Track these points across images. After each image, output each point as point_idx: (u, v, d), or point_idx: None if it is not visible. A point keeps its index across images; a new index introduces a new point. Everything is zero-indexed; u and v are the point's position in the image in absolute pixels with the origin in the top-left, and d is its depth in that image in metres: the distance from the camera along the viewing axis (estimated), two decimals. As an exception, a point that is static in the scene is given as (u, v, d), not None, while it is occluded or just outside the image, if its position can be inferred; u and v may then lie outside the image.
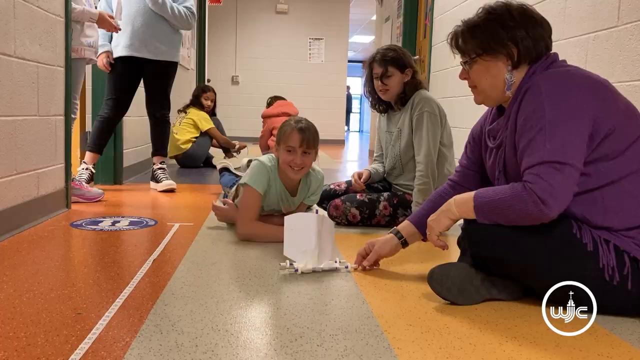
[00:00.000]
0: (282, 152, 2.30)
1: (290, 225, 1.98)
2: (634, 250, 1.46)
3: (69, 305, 1.51)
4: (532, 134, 1.48)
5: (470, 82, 1.69)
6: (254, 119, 9.96)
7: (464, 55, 1.66)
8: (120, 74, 3.64)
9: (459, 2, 4.45)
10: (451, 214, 1.62)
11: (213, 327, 1.38)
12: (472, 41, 1.62)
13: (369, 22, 12.78)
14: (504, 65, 1.59)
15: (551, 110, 1.46)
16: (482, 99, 1.70)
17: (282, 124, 2.36)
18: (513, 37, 1.57)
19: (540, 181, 1.45)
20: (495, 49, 1.58)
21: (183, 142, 5.34)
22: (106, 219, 2.74)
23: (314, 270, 1.87)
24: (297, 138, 2.26)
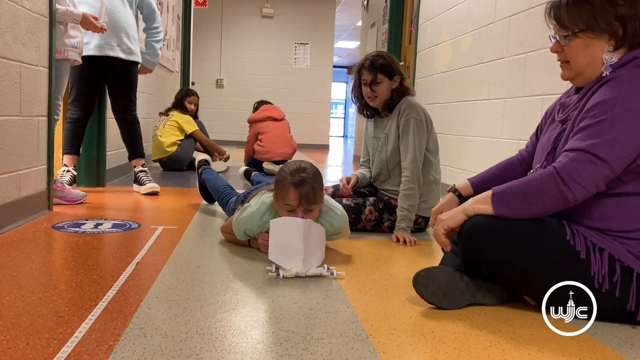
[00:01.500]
0: (282, 210, 2.07)
1: (276, 229, 1.93)
2: (628, 259, 1.47)
3: (50, 308, 1.48)
4: (591, 121, 1.47)
5: (562, 56, 1.60)
6: (239, 122, 9.98)
7: (564, 28, 1.56)
8: (87, 73, 3.59)
9: (443, 10, 4.49)
10: (468, 209, 1.59)
11: (197, 331, 1.37)
12: (578, 15, 1.53)
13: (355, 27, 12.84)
14: (605, 44, 1.52)
15: (621, 107, 1.44)
16: (572, 76, 1.60)
17: (279, 173, 2.09)
18: (622, 17, 1.49)
19: (569, 164, 1.45)
20: (601, 26, 1.51)
21: (168, 145, 5.30)
22: (89, 221, 2.71)
23: (297, 276, 1.85)
24: (295, 196, 2.00)
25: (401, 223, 2.57)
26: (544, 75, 2.95)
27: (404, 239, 2.50)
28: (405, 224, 2.57)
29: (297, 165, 2.06)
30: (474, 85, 3.85)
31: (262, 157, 5.42)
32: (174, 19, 6.97)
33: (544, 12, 1.64)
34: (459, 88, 4.14)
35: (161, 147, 5.31)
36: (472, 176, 1.90)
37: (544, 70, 2.94)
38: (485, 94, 3.66)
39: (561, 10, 1.57)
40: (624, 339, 1.44)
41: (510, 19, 3.36)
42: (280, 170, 2.09)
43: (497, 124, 3.48)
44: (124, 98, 3.74)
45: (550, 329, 1.49)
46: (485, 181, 1.85)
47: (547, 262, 1.51)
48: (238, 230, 2.20)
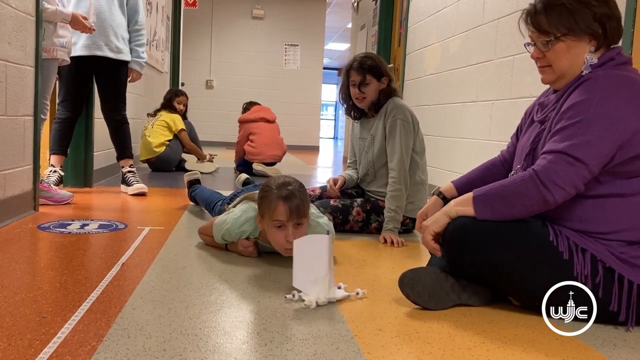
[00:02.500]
0: (270, 228, 1.95)
1: (300, 250, 1.65)
2: (610, 260, 1.48)
3: (33, 309, 1.47)
4: (567, 122, 1.49)
5: (543, 61, 1.61)
6: (228, 123, 9.96)
7: (544, 34, 1.57)
8: (76, 73, 3.57)
9: (432, 12, 4.51)
10: (450, 212, 1.60)
11: (182, 332, 1.36)
12: (557, 19, 1.54)
13: (345, 29, 12.86)
14: (586, 45, 1.54)
15: (596, 109, 1.46)
16: (554, 79, 1.62)
17: (262, 189, 1.98)
18: (600, 17, 1.52)
19: (548, 166, 1.47)
20: (582, 28, 1.53)
21: (156, 146, 5.27)
22: (75, 221, 2.69)
23: (330, 302, 1.63)
24: (284, 210, 1.89)
25: (388, 224, 2.58)
26: (531, 78, 2.97)
27: (391, 240, 2.51)
28: (393, 225, 2.57)
29: (282, 180, 1.97)
30: (463, 87, 3.87)
31: (253, 158, 5.41)
32: (163, 19, 6.94)
33: (519, 21, 1.65)
34: (447, 90, 4.16)
35: (149, 148, 5.28)
36: (455, 178, 1.92)
37: (532, 73, 2.96)
38: (474, 96, 3.68)
39: (539, 17, 1.58)
40: (607, 339, 1.45)
41: (498, 21, 3.38)
42: (264, 187, 1.98)
43: (485, 126, 3.50)
44: (113, 98, 3.72)
45: (534, 330, 1.50)
46: (468, 183, 1.85)
47: (531, 262, 1.52)
48: (217, 233, 2.16)
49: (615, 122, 1.45)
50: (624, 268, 1.47)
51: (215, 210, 2.76)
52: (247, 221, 2.09)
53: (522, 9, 1.65)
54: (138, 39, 3.79)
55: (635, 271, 1.47)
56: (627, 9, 2.25)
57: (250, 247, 2.13)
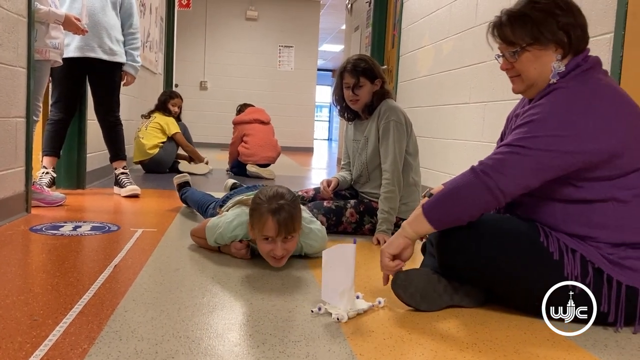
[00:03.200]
0: (259, 240, 1.96)
1: (329, 262, 1.57)
2: (599, 261, 1.49)
3: (24, 312, 1.47)
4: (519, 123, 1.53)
5: (513, 72, 1.64)
6: (222, 125, 9.95)
7: (511, 45, 1.60)
8: (69, 75, 3.55)
9: (425, 14, 4.52)
10: (404, 231, 1.62)
11: (174, 334, 1.36)
12: (522, 30, 1.57)
13: (339, 31, 12.87)
14: (553, 53, 1.57)
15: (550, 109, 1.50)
16: (524, 89, 1.64)
17: (254, 200, 1.97)
18: (564, 26, 1.54)
19: (490, 157, 1.51)
20: (547, 37, 1.55)
21: (150, 147, 5.26)
22: (67, 223, 2.68)
23: (359, 313, 1.58)
24: (273, 226, 1.87)
25: (382, 225, 2.58)
26: (523, 80, 2.97)
27: (384, 241, 2.51)
28: (386, 227, 2.58)
29: (274, 191, 1.94)
30: (456, 89, 3.88)
31: (247, 160, 5.40)
32: (157, 20, 6.93)
33: (486, 34, 1.68)
34: (440, 92, 4.17)
35: (143, 150, 5.26)
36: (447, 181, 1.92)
37: (524, 75, 2.97)
38: (467, 98, 3.69)
39: (505, 29, 1.61)
40: (598, 340, 1.46)
41: (490, 23, 3.39)
42: (256, 197, 1.96)
43: (478, 127, 3.51)
44: (107, 99, 3.70)
45: (525, 331, 1.50)
46: None
47: (521, 263, 1.53)
48: (209, 236, 2.16)
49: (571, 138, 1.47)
50: (613, 269, 1.48)
51: (207, 212, 2.75)
52: (239, 225, 2.09)
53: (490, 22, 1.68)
54: (133, 43, 3.77)
55: (623, 272, 1.48)
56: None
57: (243, 249, 2.13)
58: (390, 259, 1.62)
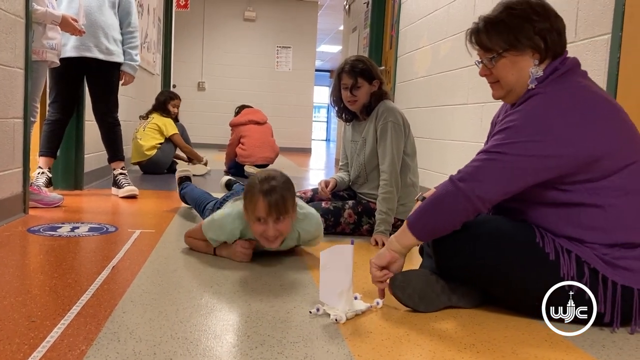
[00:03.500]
0: (252, 222, 1.98)
1: (327, 263, 1.56)
2: (594, 261, 1.49)
3: (22, 313, 1.46)
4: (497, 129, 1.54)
5: (491, 78, 1.65)
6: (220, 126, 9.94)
7: (488, 51, 1.62)
8: (65, 75, 3.53)
9: (423, 15, 4.53)
10: (391, 245, 1.64)
11: (172, 335, 1.36)
12: (499, 37, 1.59)
13: (337, 32, 12.87)
14: (530, 59, 1.58)
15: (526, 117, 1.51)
16: (504, 94, 1.65)
17: (248, 182, 2.03)
18: (540, 31, 1.56)
19: (470, 165, 1.52)
20: (523, 42, 1.56)
21: (148, 149, 5.26)
22: (65, 224, 2.68)
23: (357, 314, 1.57)
24: (264, 207, 1.91)
25: (380, 226, 2.58)
26: (521, 81, 2.98)
27: (382, 242, 2.51)
28: (384, 227, 2.58)
29: (267, 174, 2.00)
30: (453, 90, 3.89)
31: (244, 161, 5.40)
32: (154, 21, 6.93)
33: (465, 41, 1.69)
34: (438, 92, 4.17)
35: (141, 151, 5.26)
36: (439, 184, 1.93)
37: (521, 76, 2.98)
38: (464, 99, 3.70)
39: (481, 36, 1.62)
40: (595, 340, 1.46)
41: (488, 24, 3.39)
42: (249, 181, 2.02)
43: (475, 128, 3.52)
44: (105, 100, 3.69)
45: (523, 331, 1.51)
46: None
47: (517, 264, 1.54)
48: (207, 231, 2.12)
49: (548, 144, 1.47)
50: (608, 269, 1.48)
51: (205, 212, 2.72)
52: (238, 217, 2.06)
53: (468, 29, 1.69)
54: (131, 42, 3.75)
55: (618, 272, 1.48)
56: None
57: (250, 249, 2.10)
58: (378, 269, 1.63)
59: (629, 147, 1.52)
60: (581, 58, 2.40)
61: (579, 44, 2.45)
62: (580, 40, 2.45)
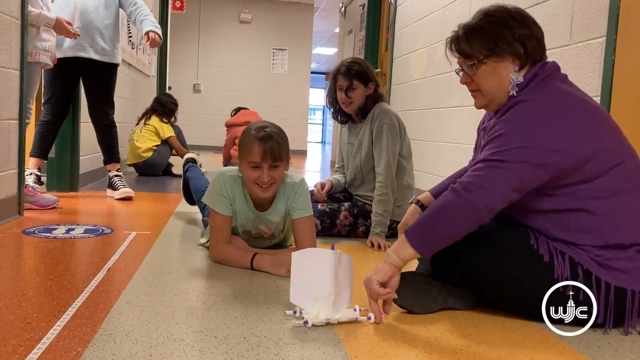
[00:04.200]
0: (246, 168, 1.98)
1: (300, 263, 1.54)
2: (587, 263, 1.50)
3: (18, 315, 1.46)
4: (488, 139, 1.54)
5: (472, 85, 1.66)
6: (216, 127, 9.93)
7: (468, 58, 1.62)
8: (61, 76, 3.51)
9: (419, 17, 4.54)
10: (390, 258, 1.54)
11: (168, 337, 1.35)
12: (478, 43, 1.60)
13: (332, 34, 12.89)
14: (510, 65, 1.58)
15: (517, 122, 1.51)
16: (486, 103, 1.66)
17: (242, 133, 2.03)
18: (519, 37, 1.57)
19: (469, 175, 1.51)
20: (503, 48, 1.57)
21: (144, 150, 5.25)
22: (60, 226, 2.67)
23: (328, 323, 1.50)
24: (259, 151, 1.92)
25: (376, 228, 2.59)
26: (516, 83, 2.99)
27: (378, 244, 2.52)
28: (380, 229, 2.58)
29: (262, 123, 2.01)
30: (449, 92, 3.90)
31: (238, 162, 5.40)
32: (150, 23, 6.91)
33: (445, 49, 1.70)
34: (434, 95, 4.18)
35: (136, 152, 5.25)
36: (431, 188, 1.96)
37: (517, 78, 2.99)
38: (460, 101, 3.71)
39: (461, 43, 1.63)
40: (591, 341, 1.47)
41: (484, 27, 3.41)
42: (245, 129, 2.03)
43: (471, 131, 3.52)
44: (101, 101, 3.66)
45: (519, 333, 1.51)
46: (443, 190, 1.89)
47: (512, 266, 1.54)
48: (211, 200, 2.08)
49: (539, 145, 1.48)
50: (601, 270, 1.49)
51: (205, 210, 2.59)
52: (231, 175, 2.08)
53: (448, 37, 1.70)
54: (142, 12, 3.59)
55: (611, 273, 1.49)
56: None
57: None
58: (379, 285, 1.53)
59: (614, 148, 1.53)
60: (576, 61, 2.43)
61: (574, 47, 2.46)
62: (575, 43, 2.46)
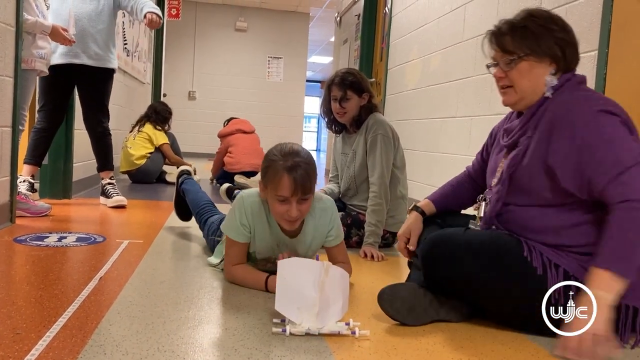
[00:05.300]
0: (272, 200, 1.80)
1: (284, 272, 1.54)
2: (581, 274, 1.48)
3: (7, 325, 1.45)
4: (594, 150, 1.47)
5: (505, 81, 1.65)
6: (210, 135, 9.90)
7: (508, 54, 1.62)
8: (54, 83, 3.49)
9: (414, 28, 4.57)
10: (606, 301, 1.39)
11: (159, 348, 1.35)
12: (521, 41, 1.60)
13: (328, 43, 12.93)
14: (547, 68, 1.60)
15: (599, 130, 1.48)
16: (516, 100, 1.65)
17: (266, 159, 1.82)
18: (560, 42, 1.59)
19: (626, 185, 1.42)
20: (544, 50, 1.58)
21: (137, 158, 5.24)
22: (52, 234, 2.66)
23: (308, 333, 1.49)
24: (288, 184, 1.73)
25: (369, 238, 2.59)
26: (509, 95, 3.01)
27: (371, 254, 2.52)
28: (373, 239, 2.58)
29: (289, 148, 1.80)
30: (443, 103, 3.91)
31: (232, 169, 5.40)
32: (146, 30, 6.92)
33: (484, 41, 1.70)
34: (428, 105, 4.20)
35: (130, 160, 5.24)
36: (429, 195, 1.96)
37: (510, 90, 3.00)
38: (453, 112, 3.72)
39: (504, 37, 1.63)
40: (582, 355, 1.47)
41: (478, 39, 3.43)
42: (269, 154, 1.81)
43: (464, 141, 3.54)
44: (95, 108, 3.64)
45: (510, 345, 1.51)
46: (444, 197, 1.92)
47: (504, 277, 1.54)
48: (227, 230, 1.93)
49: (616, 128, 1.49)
50: None
51: (207, 226, 2.45)
52: (253, 200, 1.90)
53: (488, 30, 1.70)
54: (140, 2, 3.53)
55: None
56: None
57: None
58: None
59: None
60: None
61: (567, 60, 2.48)
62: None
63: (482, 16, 3.38)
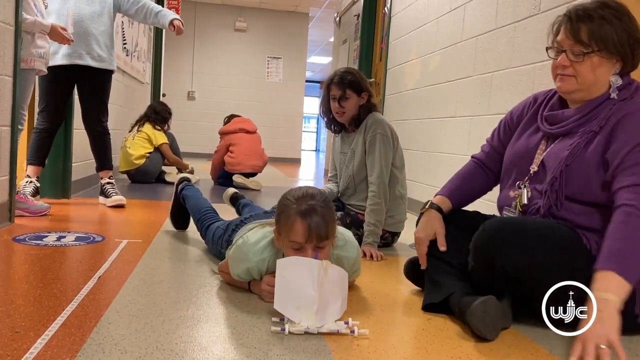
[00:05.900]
0: (286, 248, 1.67)
1: (283, 272, 1.53)
2: None
3: (6, 324, 1.45)
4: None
5: (569, 70, 1.60)
6: (210, 135, 9.92)
7: (581, 45, 1.57)
8: (56, 83, 3.50)
9: (413, 28, 4.57)
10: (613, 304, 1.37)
11: (158, 347, 1.35)
12: (599, 34, 1.56)
13: (327, 43, 12.94)
14: (613, 66, 1.58)
15: None
16: (574, 90, 1.62)
17: (280, 205, 1.70)
18: (634, 42, 1.57)
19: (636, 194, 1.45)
20: (617, 48, 1.56)
21: (136, 158, 5.24)
22: (51, 234, 2.66)
23: (307, 332, 1.48)
24: (302, 230, 1.60)
25: (368, 238, 2.59)
26: (509, 94, 3.01)
27: (370, 254, 2.52)
28: (372, 239, 2.58)
29: (304, 192, 1.67)
30: (442, 103, 3.92)
31: (233, 169, 5.40)
32: (145, 30, 6.93)
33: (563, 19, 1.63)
34: (427, 105, 4.20)
35: (129, 160, 5.24)
36: (439, 190, 1.92)
37: (509, 90, 3.01)
38: (453, 112, 3.73)
39: (583, 27, 1.58)
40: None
41: (477, 38, 3.44)
42: (283, 199, 1.70)
43: (463, 141, 3.54)
44: (96, 108, 3.65)
45: (509, 344, 1.51)
46: (458, 191, 1.88)
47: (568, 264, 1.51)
48: (233, 268, 1.82)
49: None
50: None
51: (209, 233, 2.38)
52: (268, 246, 1.77)
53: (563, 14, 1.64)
54: (152, 7, 3.60)
55: None
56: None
57: None
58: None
59: None
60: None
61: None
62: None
63: (482, 16, 3.39)
